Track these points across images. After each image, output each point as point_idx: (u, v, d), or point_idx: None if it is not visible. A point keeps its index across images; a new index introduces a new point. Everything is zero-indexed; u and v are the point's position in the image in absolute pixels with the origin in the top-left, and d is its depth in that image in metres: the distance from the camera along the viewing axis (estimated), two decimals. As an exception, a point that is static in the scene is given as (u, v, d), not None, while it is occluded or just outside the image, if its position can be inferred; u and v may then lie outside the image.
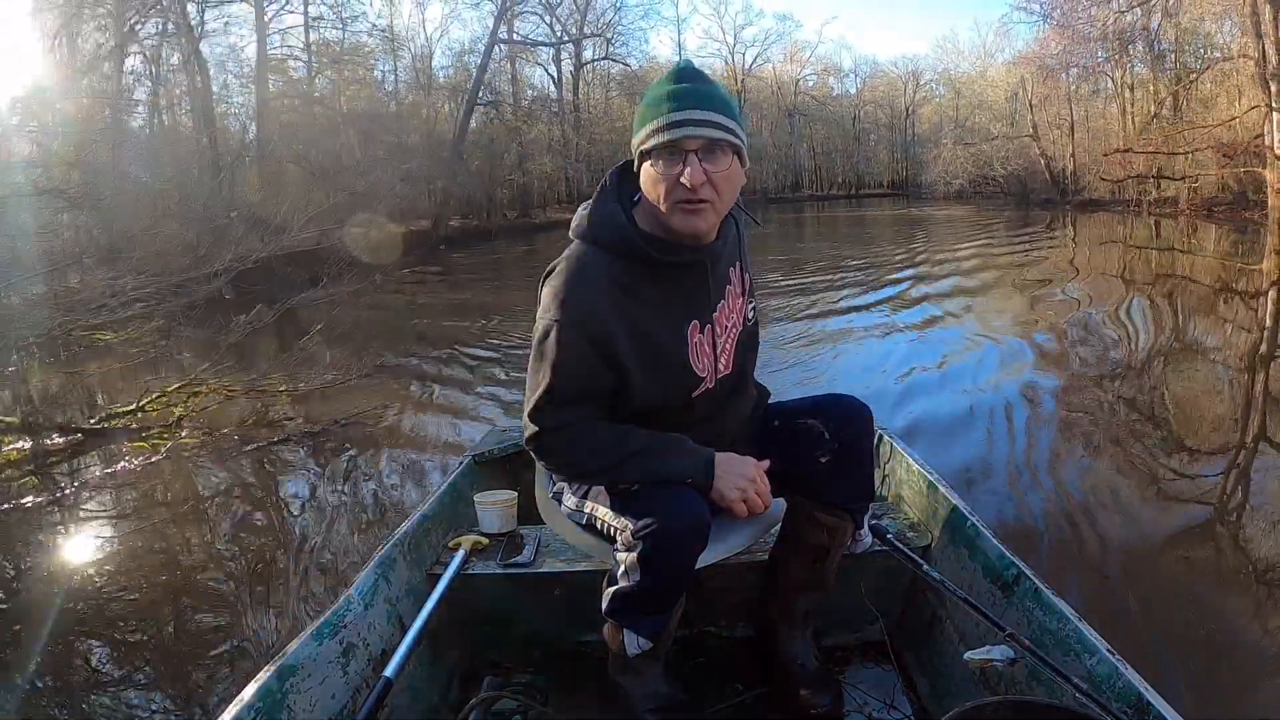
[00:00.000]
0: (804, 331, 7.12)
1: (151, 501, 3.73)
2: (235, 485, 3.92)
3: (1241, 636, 2.22)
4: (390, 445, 4.37)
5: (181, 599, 2.83)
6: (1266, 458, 3.66)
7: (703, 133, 1.18)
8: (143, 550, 3.24)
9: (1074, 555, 2.75)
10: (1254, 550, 2.76)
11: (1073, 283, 9.81)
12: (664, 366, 1.30)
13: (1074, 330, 6.82)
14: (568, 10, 31.91)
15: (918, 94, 47.23)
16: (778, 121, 47.26)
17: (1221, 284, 9.24)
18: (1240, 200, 18.08)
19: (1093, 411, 4.47)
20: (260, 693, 1.19)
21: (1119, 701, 1.13)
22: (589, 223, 1.31)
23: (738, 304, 1.41)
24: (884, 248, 15.57)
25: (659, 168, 1.21)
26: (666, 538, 1.23)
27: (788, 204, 41.06)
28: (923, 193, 37.21)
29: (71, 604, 2.78)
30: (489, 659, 1.75)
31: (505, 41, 28.30)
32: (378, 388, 5.36)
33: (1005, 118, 31.14)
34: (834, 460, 1.42)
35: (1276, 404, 4.40)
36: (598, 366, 1.26)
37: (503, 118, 27.91)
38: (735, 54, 46.30)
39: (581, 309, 1.24)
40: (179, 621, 2.68)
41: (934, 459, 2.13)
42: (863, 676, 1.65)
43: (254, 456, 4.16)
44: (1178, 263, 11.95)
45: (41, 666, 2.39)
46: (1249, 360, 5.56)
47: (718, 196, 1.22)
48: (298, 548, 3.15)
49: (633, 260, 1.27)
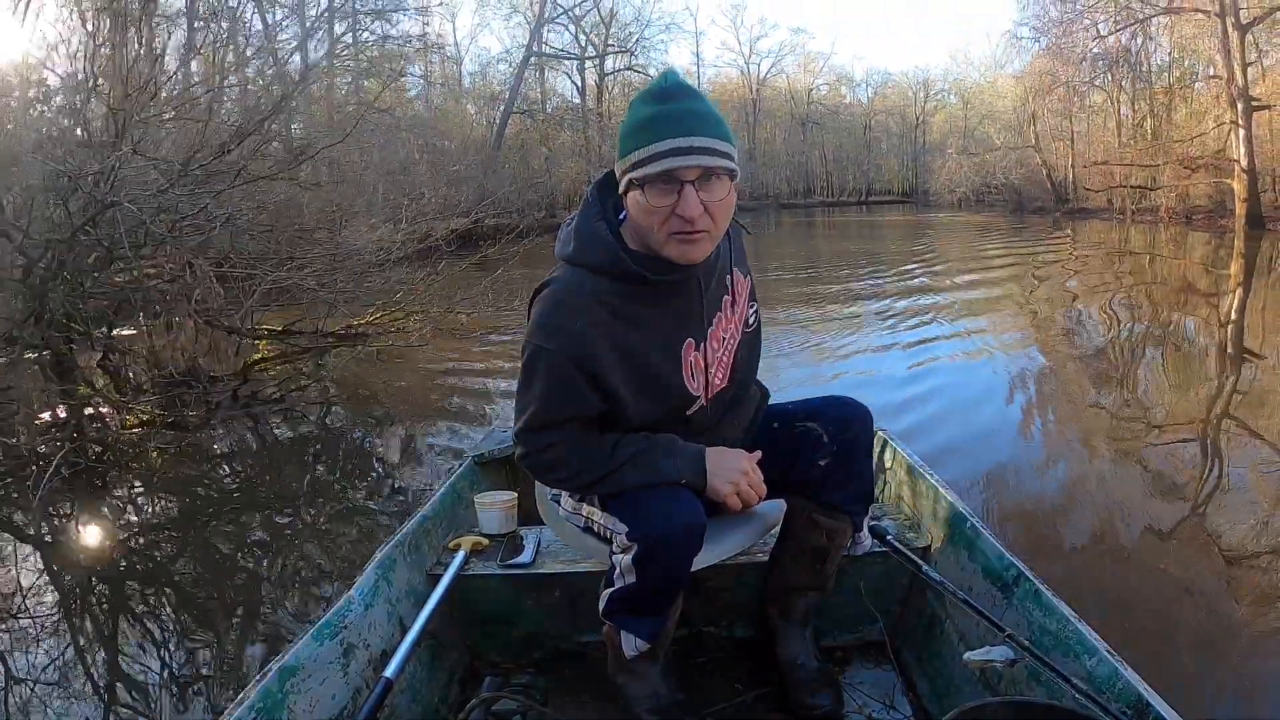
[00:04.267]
0: (804, 315, 7.96)
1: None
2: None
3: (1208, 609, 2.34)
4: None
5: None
6: (1236, 440, 3.93)
7: (700, 161, 1.10)
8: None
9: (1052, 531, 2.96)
10: (1214, 526, 2.90)
11: (1049, 284, 10.67)
12: (657, 388, 1.26)
13: (1050, 322, 7.53)
14: (591, 23, 33.96)
15: (929, 103, 48.30)
16: (791, 129, 48.53)
17: (1195, 286, 9.93)
18: (1219, 209, 19.08)
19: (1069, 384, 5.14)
20: (261, 693, 1.18)
21: (1119, 702, 1.11)
22: (574, 244, 1.25)
23: (735, 313, 1.35)
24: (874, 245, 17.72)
25: (652, 198, 1.12)
26: (661, 540, 1.22)
27: (799, 209, 42.29)
28: (928, 200, 38.70)
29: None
30: (489, 659, 1.73)
31: (539, 55, 30.52)
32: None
33: (1013, 128, 32.00)
34: (833, 463, 1.40)
35: (1244, 393, 4.83)
36: (583, 391, 1.22)
37: (536, 124, 29.92)
38: (750, 64, 47.86)
39: (566, 336, 1.20)
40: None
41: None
42: (862, 677, 1.63)
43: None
44: (1156, 266, 12.81)
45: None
46: (1218, 354, 6.04)
47: (714, 225, 1.15)
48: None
49: (622, 281, 1.21)
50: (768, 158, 47.06)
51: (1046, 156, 29.13)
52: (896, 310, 8.31)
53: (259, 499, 3.87)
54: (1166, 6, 20.59)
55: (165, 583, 2.93)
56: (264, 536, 3.35)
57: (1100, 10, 22.33)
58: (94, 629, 2.60)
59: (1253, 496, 3.21)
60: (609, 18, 33.89)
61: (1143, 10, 21.48)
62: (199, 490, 3.98)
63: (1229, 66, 18.22)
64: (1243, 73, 17.92)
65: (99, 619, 2.67)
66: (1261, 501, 3.13)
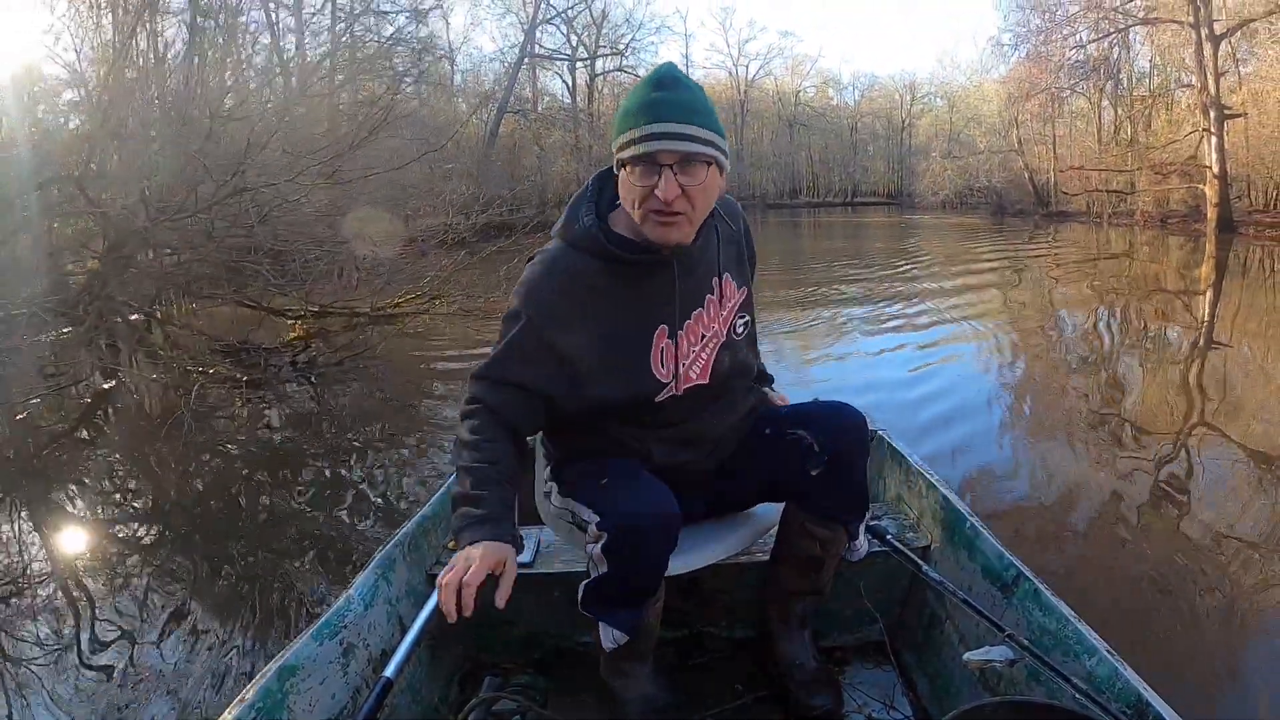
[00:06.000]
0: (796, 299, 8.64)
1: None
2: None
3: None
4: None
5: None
6: (1207, 437, 4.05)
7: (678, 146, 1.15)
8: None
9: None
10: (1186, 513, 3.03)
11: (1023, 285, 11.02)
12: (623, 366, 1.28)
13: (1023, 322, 7.75)
14: (583, 24, 34.06)
15: (914, 106, 48.29)
16: (778, 130, 48.61)
17: (1171, 287, 10.26)
18: (1194, 213, 19.41)
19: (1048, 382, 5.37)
20: (260, 693, 1.18)
21: (1118, 702, 1.11)
22: (563, 222, 1.32)
23: (720, 315, 1.36)
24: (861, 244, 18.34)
25: (634, 178, 1.18)
26: (629, 528, 1.22)
27: (785, 210, 42.48)
28: (913, 202, 38.94)
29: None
30: (489, 659, 1.72)
31: (533, 55, 30.80)
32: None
33: (998, 131, 32.21)
34: (825, 472, 1.37)
35: (1210, 391, 5.00)
36: (540, 360, 1.26)
37: (529, 123, 30.09)
38: (739, 66, 47.95)
39: (539, 302, 1.26)
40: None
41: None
42: (862, 677, 1.62)
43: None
44: (1133, 267, 13.12)
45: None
46: (1189, 351, 6.30)
47: (692, 209, 1.19)
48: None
49: (599, 259, 1.26)
50: (755, 159, 47.26)
51: (1029, 160, 29.49)
52: (876, 296, 8.91)
53: (306, 457, 4.32)
54: (1143, 17, 21.13)
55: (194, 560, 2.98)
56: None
57: (1080, 20, 22.92)
58: (113, 612, 2.56)
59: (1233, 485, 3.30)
60: (600, 19, 34.17)
61: (1120, 21, 22.09)
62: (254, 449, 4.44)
63: (1202, 76, 18.67)
64: (1215, 82, 18.32)
65: (111, 606, 2.62)
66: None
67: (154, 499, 3.74)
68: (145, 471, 4.14)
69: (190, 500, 3.64)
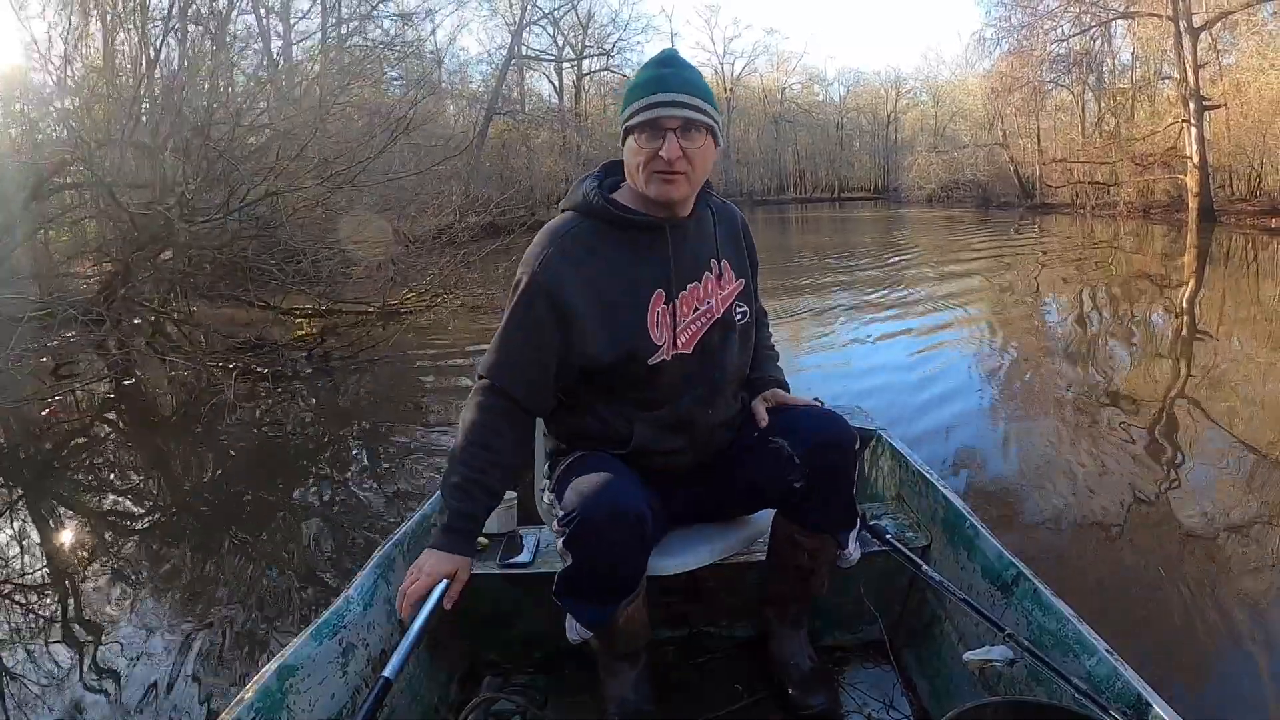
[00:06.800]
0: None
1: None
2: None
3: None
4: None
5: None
6: (1190, 419, 4.11)
7: (681, 113, 1.27)
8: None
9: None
10: (1172, 504, 3.00)
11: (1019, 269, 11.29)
12: (620, 324, 1.33)
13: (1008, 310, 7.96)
14: (569, 24, 34.07)
15: (900, 101, 48.48)
16: (763, 127, 48.66)
17: (1157, 278, 10.31)
18: (1176, 203, 19.65)
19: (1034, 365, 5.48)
20: (260, 693, 1.17)
21: (1118, 702, 1.11)
22: (569, 195, 1.42)
23: (716, 293, 1.40)
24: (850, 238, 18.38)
25: (641, 141, 1.29)
26: (585, 522, 1.23)
27: (772, 205, 42.60)
28: (899, 197, 38.83)
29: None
30: (489, 659, 1.71)
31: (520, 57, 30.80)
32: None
33: (983, 125, 32.21)
34: (807, 485, 1.37)
35: (1194, 377, 5.02)
36: (546, 314, 1.31)
37: (517, 124, 30.09)
38: (725, 64, 48.19)
39: (542, 263, 1.32)
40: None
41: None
42: (862, 677, 1.62)
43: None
44: (1115, 255, 13.33)
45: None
46: (1171, 338, 6.43)
47: (692, 169, 1.30)
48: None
49: (596, 220, 1.35)
50: (741, 155, 47.33)
51: (1014, 154, 29.62)
52: (871, 283, 9.21)
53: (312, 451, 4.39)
54: (1124, 11, 21.37)
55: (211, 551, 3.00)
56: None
57: (1062, 14, 23.14)
58: (107, 612, 2.54)
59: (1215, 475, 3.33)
60: (586, 20, 34.15)
61: (1101, 14, 22.34)
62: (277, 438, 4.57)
63: (1181, 68, 18.88)
64: (1194, 73, 18.46)
65: (104, 607, 2.59)
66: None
67: (170, 496, 3.76)
68: (159, 467, 4.20)
69: (199, 496, 3.69)
